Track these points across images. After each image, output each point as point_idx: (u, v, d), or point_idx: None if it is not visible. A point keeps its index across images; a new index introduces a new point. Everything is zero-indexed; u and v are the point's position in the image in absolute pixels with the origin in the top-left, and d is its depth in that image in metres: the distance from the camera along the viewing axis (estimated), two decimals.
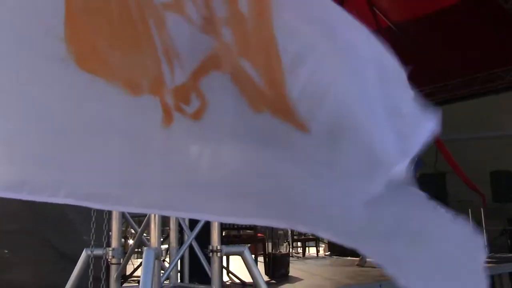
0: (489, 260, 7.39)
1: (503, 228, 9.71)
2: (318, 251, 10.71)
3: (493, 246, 9.89)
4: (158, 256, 2.16)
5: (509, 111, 11.61)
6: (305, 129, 1.47)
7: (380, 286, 4.62)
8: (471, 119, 12.44)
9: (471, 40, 10.10)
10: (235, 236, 5.85)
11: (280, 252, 8.49)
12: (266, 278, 5.35)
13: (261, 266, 5.69)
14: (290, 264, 5.89)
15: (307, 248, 11.68)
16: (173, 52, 1.34)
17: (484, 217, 10.48)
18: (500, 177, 9.63)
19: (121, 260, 2.56)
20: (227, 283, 4.97)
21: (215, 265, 2.58)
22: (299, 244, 11.59)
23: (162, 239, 4.89)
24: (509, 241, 9.43)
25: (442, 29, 10.04)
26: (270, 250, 10.93)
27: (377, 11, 9.59)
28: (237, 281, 4.92)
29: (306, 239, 10.87)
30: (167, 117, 1.31)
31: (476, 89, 11.22)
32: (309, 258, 9.89)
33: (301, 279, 5.26)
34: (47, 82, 1.23)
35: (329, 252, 11.05)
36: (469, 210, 10.93)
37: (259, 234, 6.24)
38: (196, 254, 2.91)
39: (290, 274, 5.65)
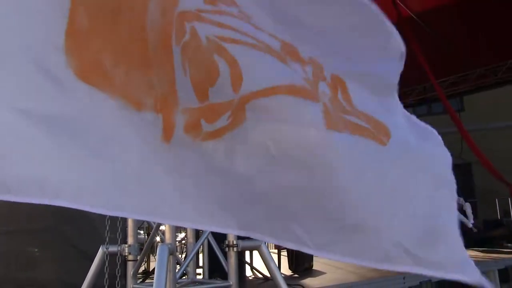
0: None
1: None
2: None
3: None
4: (172, 251, 2.16)
5: None
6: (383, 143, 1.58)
7: (404, 278, 4.57)
8: (497, 108, 12.19)
9: (496, 28, 9.87)
10: None
11: None
12: (289, 272, 5.34)
13: (284, 260, 5.68)
14: (315, 258, 5.85)
15: None
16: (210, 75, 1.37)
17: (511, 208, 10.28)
18: None
19: (138, 256, 2.58)
20: (250, 278, 4.98)
21: (232, 260, 2.57)
22: None
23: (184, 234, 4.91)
24: None
25: (465, 18, 9.84)
26: None
27: (398, 0, 9.42)
28: (260, 276, 4.92)
29: None
30: (166, 133, 1.34)
31: (501, 77, 10.96)
32: None
33: (324, 273, 5.23)
34: (47, 90, 1.24)
35: None
36: (496, 200, 10.77)
37: None
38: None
39: (314, 268, 5.63)
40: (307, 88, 1.46)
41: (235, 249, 2.56)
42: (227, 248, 2.58)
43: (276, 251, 5.89)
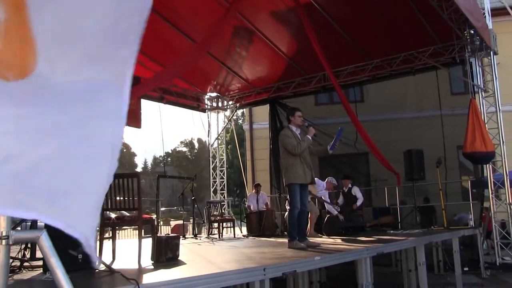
0: (399, 238, 7.37)
1: (413, 206, 9.86)
2: (234, 232, 10.47)
3: (404, 224, 10.06)
4: None
5: (423, 92, 11.77)
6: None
7: (264, 270, 4.36)
8: (389, 100, 12.53)
9: (394, 21, 10.04)
10: (117, 218, 5.42)
11: (168, 234, 8.14)
12: (150, 262, 5.01)
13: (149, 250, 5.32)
14: (194, 247, 5.53)
15: (228, 229, 11.44)
16: None
17: (398, 195, 10.60)
18: (412, 156, 9.68)
19: None
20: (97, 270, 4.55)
21: (1, 255, 2.16)
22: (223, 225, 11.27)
23: None
24: (418, 218, 9.59)
25: (366, 8, 9.89)
26: (193, 233, 10.56)
27: None
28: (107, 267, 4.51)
29: (223, 220, 10.61)
30: None
31: (395, 69, 11.25)
32: (226, 239, 9.61)
33: (185, 263, 4.94)
34: None
35: (247, 233, 10.87)
36: (385, 189, 11.06)
37: (145, 216, 5.84)
38: None
39: (180, 258, 5.31)
40: None
41: (4, 242, 2.15)
42: None
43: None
